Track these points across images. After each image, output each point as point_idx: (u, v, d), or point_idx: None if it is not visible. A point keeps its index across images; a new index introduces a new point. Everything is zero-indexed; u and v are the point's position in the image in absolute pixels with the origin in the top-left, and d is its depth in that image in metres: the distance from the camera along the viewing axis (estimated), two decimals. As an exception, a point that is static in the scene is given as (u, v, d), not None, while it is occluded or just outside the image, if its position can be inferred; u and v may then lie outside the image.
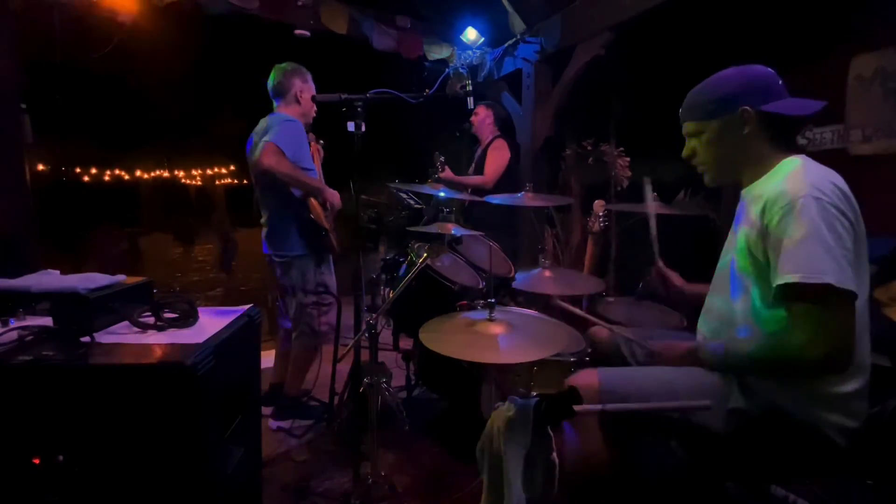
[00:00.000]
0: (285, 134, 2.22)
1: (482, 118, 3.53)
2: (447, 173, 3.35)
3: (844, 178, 1.13)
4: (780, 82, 1.20)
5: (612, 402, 1.16)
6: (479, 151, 3.56)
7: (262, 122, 2.37)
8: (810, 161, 1.18)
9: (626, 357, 1.53)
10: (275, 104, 2.47)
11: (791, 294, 1.04)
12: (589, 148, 4.03)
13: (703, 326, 1.37)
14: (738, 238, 1.22)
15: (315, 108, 2.52)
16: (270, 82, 2.45)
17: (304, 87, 2.43)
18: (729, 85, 1.23)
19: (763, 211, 1.10)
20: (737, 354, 1.16)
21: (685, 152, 1.34)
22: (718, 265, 1.34)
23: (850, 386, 1.11)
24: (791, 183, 1.09)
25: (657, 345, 1.36)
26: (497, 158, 3.38)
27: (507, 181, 3.34)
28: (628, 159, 3.75)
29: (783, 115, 1.16)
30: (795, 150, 1.23)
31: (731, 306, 1.24)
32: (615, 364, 1.54)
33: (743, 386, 1.17)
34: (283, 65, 2.46)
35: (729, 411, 1.15)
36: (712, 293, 1.35)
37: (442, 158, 3.40)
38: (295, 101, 2.43)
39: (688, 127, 1.31)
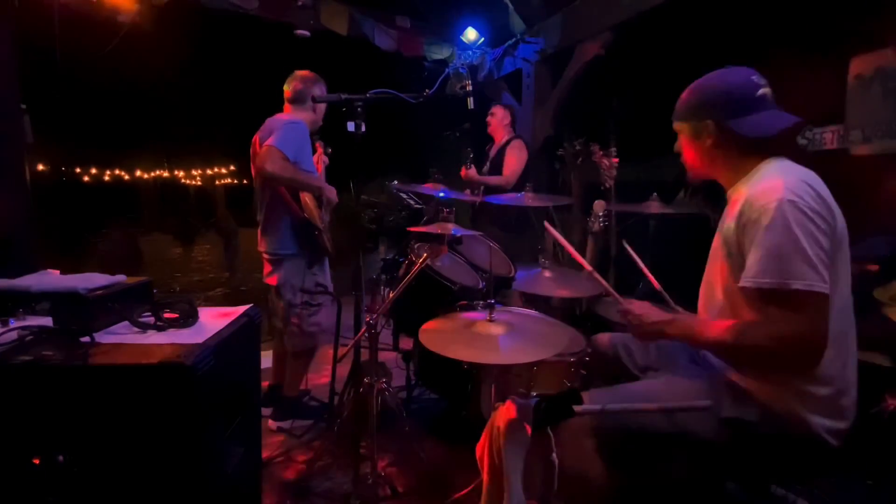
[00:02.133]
0: (288, 136, 2.22)
1: (500, 118, 3.53)
2: (472, 172, 3.38)
3: (844, 179, 1.14)
4: (761, 92, 1.19)
5: (606, 421, 1.16)
6: (495, 151, 3.55)
7: (266, 125, 2.36)
8: (788, 163, 1.20)
9: (625, 363, 1.52)
10: (287, 107, 2.45)
11: (765, 297, 1.06)
12: (578, 147, 4.02)
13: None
14: (720, 238, 1.24)
15: (321, 116, 2.51)
16: (288, 86, 2.43)
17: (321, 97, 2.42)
18: (704, 92, 1.26)
19: (741, 211, 1.13)
20: (708, 334, 1.16)
21: (676, 147, 1.38)
22: (708, 263, 1.35)
23: (835, 386, 1.12)
24: (768, 185, 1.11)
25: (633, 305, 1.30)
26: (517, 159, 3.41)
27: (523, 181, 3.37)
28: (616, 159, 3.75)
29: (743, 135, 1.17)
30: (774, 152, 1.23)
31: (715, 301, 1.26)
32: (613, 369, 1.53)
33: (734, 395, 1.17)
34: (304, 72, 2.44)
35: (722, 420, 1.15)
36: (702, 292, 1.36)
37: (472, 155, 3.39)
38: (311, 108, 2.42)
39: (674, 124, 1.36)
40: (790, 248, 1.03)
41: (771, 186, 1.10)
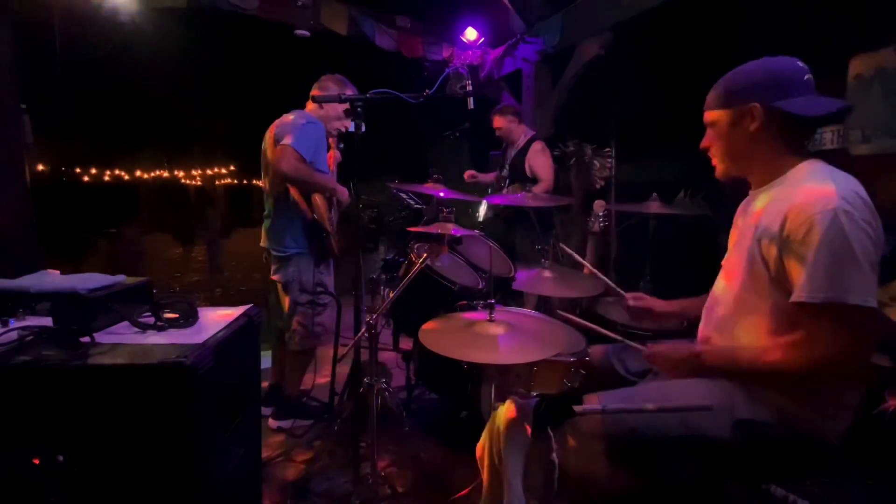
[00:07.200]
0: (305, 138, 2.21)
1: (507, 125, 3.52)
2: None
3: None
4: (807, 77, 1.14)
5: (616, 423, 1.14)
6: (514, 153, 3.55)
7: (288, 116, 2.33)
8: (831, 168, 1.14)
9: (620, 374, 1.49)
10: (309, 104, 2.45)
11: (818, 311, 1.01)
12: (572, 148, 4.03)
13: (706, 328, 1.33)
14: (750, 241, 1.18)
15: (343, 122, 2.49)
16: (316, 86, 2.43)
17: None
18: (747, 76, 1.19)
19: (785, 220, 1.06)
20: (747, 362, 1.13)
21: (703, 143, 1.30)
22: (724, 265, 1.32)
23: (856, 392, 1.12)
24: (817, 193, 1.04)
25: (657, 347, 1.30)
26: (547, 161, 3.43)
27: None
28: (610, 161, 3.76)
29: (792, 114, 1.10)
30: (808, 153, 1.18)
31: (737, 308, 1.21)
32: (608, 382, 1.50)
33: (747, 396, 1.14)
34: (334, 75, 2.45)
35: (736, 423, 1.12)
36: (716, 294, 1.32)
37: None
38: (318, 106, 2.41)
39: (706, 116, 1.27)
40: (848, 261, 0.98)
41: (822, 194, 1.03)
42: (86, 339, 1.18)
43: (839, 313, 0.99)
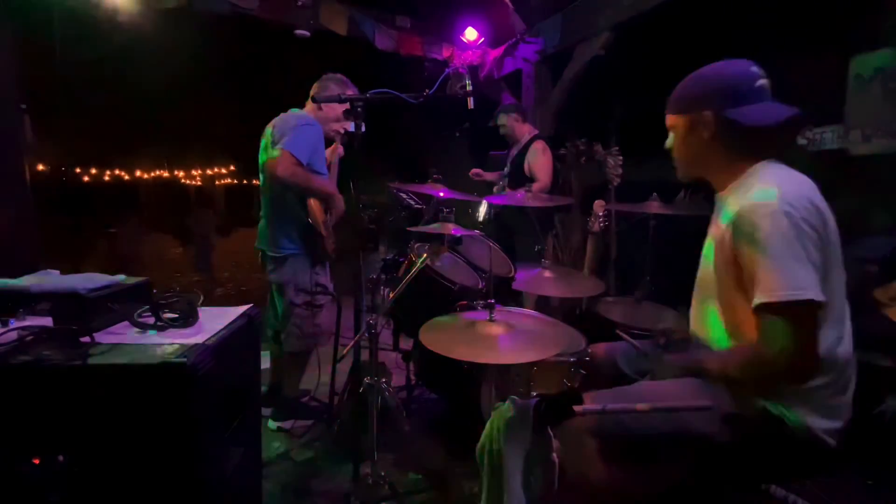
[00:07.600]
0: (302, 140, 2.20)
1: (511, 123, 3.54)
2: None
3: (844, 179, 1.13)
4: (760, 83, 1.16)
5: (615, 423, 1.15)
6: (515, 153, 3.57)
7: (282, 118, 2.32)
8: (782, 169, 1.17)
9: (623, 368, 1.50)
10: (308, 104, 2.43)
11: (772, 310, 1.04)
12: (582, 147, 4.03)
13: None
14: (715, 243, 1.21)
15: (342, 124, 2.47)
16: (316, 85, 2.42)
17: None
18: (701, 84, 1.22)
19: (734, 221, 1.10)
20: (716, 367, 1.18)
21: (667, 143, 1.34)
22: (700, 269, 1.34)
23: (830, 389, 1.12)
24: (763, 195, 1.08)
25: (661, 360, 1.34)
26: (546, 161, 3.44)
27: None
28: (621, 158, 3.76)
29: (743, 123, 1.13)
30: (768, 154, 1.20)
31: (709, 312, 1.26)
32: (609, 382, 1.51)
33: (733, 391, 1.17)
34: (335, 74, 2.43)
35: (723, 418, 1.14)
36: (696, 297, 1.36)
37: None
38: (318, 106, 2.39)
39: (666, 119, 1.31)
40: (790, 260, 1.01)
41: (766, 196, 1.07)
42: (86, 339, 1.18)
43: (788, 310, 1.01)
